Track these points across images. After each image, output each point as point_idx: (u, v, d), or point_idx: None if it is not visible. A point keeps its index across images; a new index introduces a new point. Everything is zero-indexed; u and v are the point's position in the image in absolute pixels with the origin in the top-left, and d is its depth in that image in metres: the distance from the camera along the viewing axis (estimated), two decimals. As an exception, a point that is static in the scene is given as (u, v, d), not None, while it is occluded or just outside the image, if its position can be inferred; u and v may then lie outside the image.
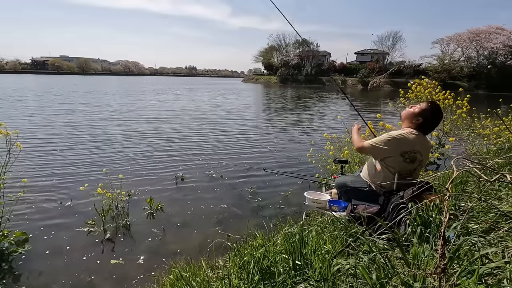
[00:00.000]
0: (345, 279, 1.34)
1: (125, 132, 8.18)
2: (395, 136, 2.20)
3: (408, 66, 40.36)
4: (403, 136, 2.19)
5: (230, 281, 1.60)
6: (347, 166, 3.36)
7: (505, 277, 1.07)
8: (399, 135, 2.20)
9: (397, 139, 2.19)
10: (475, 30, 39.33)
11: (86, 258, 2.70)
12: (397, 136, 2.19)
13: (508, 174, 1.33)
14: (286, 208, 3.73)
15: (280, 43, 55.81)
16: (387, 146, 2.18)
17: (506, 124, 4.27)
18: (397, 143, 2.18)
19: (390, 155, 2.19)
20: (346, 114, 14.00)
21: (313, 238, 1.81)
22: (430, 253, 1.32)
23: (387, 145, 2.18)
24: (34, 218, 3.34)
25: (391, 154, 2.19)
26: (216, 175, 4.84)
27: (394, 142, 2.18)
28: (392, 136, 2.20)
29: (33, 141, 6.64)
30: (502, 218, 1.58)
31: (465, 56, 40.43)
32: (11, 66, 75.66)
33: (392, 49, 48.19)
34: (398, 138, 2.19)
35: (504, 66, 37.38)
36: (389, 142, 2.19)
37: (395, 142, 2.18)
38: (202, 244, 2.94)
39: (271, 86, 44.23)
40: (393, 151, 2.18)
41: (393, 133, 2.25)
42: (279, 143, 7.36)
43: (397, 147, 2.17)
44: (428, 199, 1.81)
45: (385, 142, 2.19)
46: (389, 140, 2.19)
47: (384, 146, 2.19)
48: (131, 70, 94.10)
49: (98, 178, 4.29)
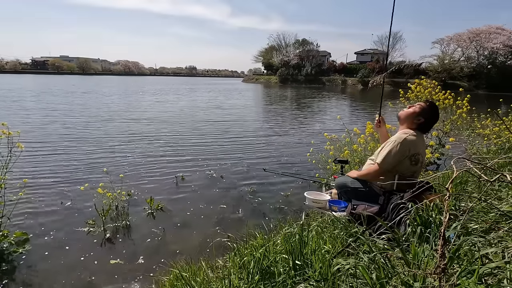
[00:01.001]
0: (345, 279, 1.34)
1: (125, 132, 8.18)
2: (401, 142, 2.17)
3: (408, 66, 40.35)
4: (409, 140, 2.18)
5: (230, 281, 1.60)
6: (347, 166, 3.35)
7: (505, 277, 1.07)
8: (406, 140, 2.18)
9: (404, 143, 2.17)
10: (475, 30, 39.34)
11: (86, 258, 2.71)
12: (403, 142, 2.17)
13: (508, 174, 1.33)
14: (286, 208, 3.73)
15: (280, 43, 55.87)
16: (397, 155, 2.16)
17: (506, 124, 4.27)
18: (406, 146, 2.16)
19: (400, 161, 2.18)
20: (346, 114, 14.00)
21: (313, 238, 1.81)
22: (430, 253, 1.32)
23: (396, 155, 2.16)
24: (34, 218, 3.34)
25: (400, 158, 2.18)
26: (216, 175, 4.85)
27: (403, 146, 2.16)
28: (397, 142, 2.17)
29: (33, 141, 6.63)
30: (502, 218, 1.58)
31: (465, 56, 40.44)
32: (11, 66, 75.64)
33: (392, 49, 48.20)
34: (405, 143, 2.17)
35: (504, 66, 37.38)
36: (399, 149, 2.16)
37: (405, 146, 2.16)
38: (202, 244, 2.94)
39: (271, 86, 44.21)
40: (401, 155, 2.17)
41: (396, 139, 2.21)
42: (279, 143, 7.37)
43: (405, 152, 2.16)
44: (428, 199, 1.81)
45: (394, 152, 2.16)
46: (397, 148, 2.16)
47: (393, 156, 2.16)
48: (131, 70, 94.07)
49: (98, 178, 4.29)
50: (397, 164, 2.18)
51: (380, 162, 2.21)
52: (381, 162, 2.20)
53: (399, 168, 2.19)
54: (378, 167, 2.23)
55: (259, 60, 61.14)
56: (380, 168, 2.22)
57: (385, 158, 2.19)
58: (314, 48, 52.67)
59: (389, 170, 2.20)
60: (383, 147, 2.28)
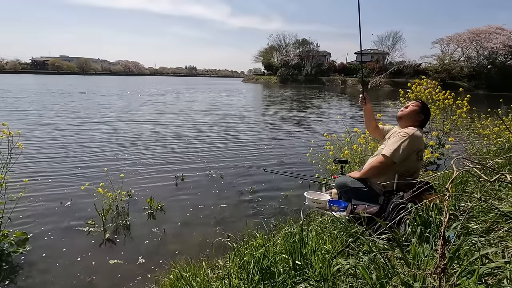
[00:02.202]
0: (345, 279, 1.34)
1: (125, 132, 8.18)
2: (411, 136, 2.19)
3: (408, 66, 40.36)
4: (417, 135, 2.21)
5: (230, 281, 1.60)
6: (347, 166, 3.36)
7: (505, 277, 1.07)
8: (414, 135, 2.20)
9: (413, 138, 2.19)
10: (475, 30, 39.32)
11: (86, 258, 2.71)
12: (412, 136, 2.19)
13: (508, 174, 1.33)
14: (286, 208, 3.73)
15: (280, 43, 55.80)
16: (406, 149, 2.18)
17: (506, 124, 4.27)
18: (415, 141, 2.19)
19: (408, 155, 2.20)
20: (346, 114, 14.00)
21: (313, 238, 1.81)
22: (430, 253, 1.32)
23: (406, 148, 2.18)
24: (34, 218, 3.35)
25: (409, 153, 2.19)
26: (216, 175, 4.85)
27: (413, 141, 2.18)
28: (408, 136, 2.19)
29: (33, 141, 6.63)
30: (502, 218, 1.58)
31: (465, 56, 40.42)
32: (11, 66, 75.61)
33: (392, 49, 48.21)
34: (414, 138, 2.19)
35: (504, 66, 37.35)
36: (409, 143, 2.18)
37: (414, 140, 2.19)
38: (202, 244, 2.94)
39: (271, 86, 44.21)
40: (410, 149, 2.19)
41: (406, 133, 2.23)
42: (279, 143, 7.36)
43: (414, 146, 2.19)
44: (428, 199, 1.81)
45: (404, 146, 2.17)
46: (407, 142, 2.18)
47: (403, 150, 2.18)
48: (131, 70, 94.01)
49: (99, 178, 4.29)
50: (405, 158, 2.19)
51: (389, 154, 2.19)
52: (390, 154, 2.19)
53: (406, 164, 2.21)
54: (384, 159, 2.22)
55: (259, 60, 61.12)
56: (387, 160, 2.20)
57: (395, 151, 2.19)
58: (314, 48, 52.65)
59: (395, 164, 2.20)
60: (390, 142, 2.28)
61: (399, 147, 2.18)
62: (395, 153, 2.19)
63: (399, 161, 2.20)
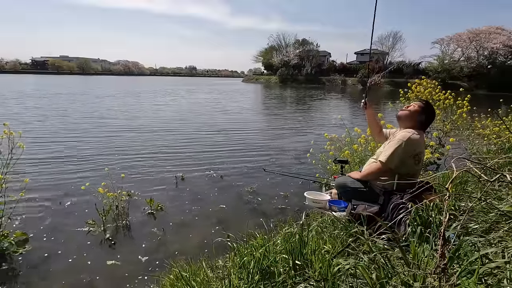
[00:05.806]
0: (345, 279, 1.34)
1: (125, 133, 8.18)
2: (406, 141, 2.17)
3: (407, 65, 40.37)
4: (413, 139, 2.19)
5: (230, 281, 1.59)
6: (347, 166, 3.35)
7: (505, 277, 1.07)
8: (410, 139, 2.18)
9: (409, 142, 2.17)
10: (475, 30, 39.37)
11: (86, 258, 2.71)
12: (408, 141, 2.18)
13: (508, 174, 1.33)
14: (286, 208, 3.73)
15: (280, 43, 55.85)
16: (402, 154, 2.17)
17: (506, 124, 4.27)
18: (411, 145, 2.17)
19: (404, 160, 2.19)
20: (346, 114, 13.99)
21: (313, 238, 1.81)
22: (430, 253, 1.32)
23: (401, 154, 2.17)
24: (34, 218, 3.35)
25: (405, 158, 2.18)
26: (216, 175, 4.84)
27: (408, 146, 2.17)
28: (402, 141, 2.18)
29: (33, 141, 6.63)
30: (502, 218, 1.58)
31: (465, 56, 40.45)
32: (11, 66, 75.67)
33: (392, 49, 48.26)
34: (410, 142, 2.17)
35: (504, 66, 37.38)
36: (404, 148, 2.16)
37: (410, 145, 2.17)
38: (202, 244, 2.94)
39: (271, 86, 44.19)
40: (406, 154, 2.17)
41: (401, 138, 2.22)
42: (279, 143, 7.36)
43: (410, 151, 2.17)
44: (428, 199, 1.81)
45: (399, 151, 2.17)
46: (402, 147, 2.17)
47: (398, 155, 2.17)
48: (131, 70, 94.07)
49: (99, 178, 4.29)
50: (401, 163, 2.18)
51: (385, 160, 2.20)
52: (386, 160, 2.20)
53: (403, 168, 2.19)
54: (381, 165, 2.23)
55: (259, 60, 61.17)
56: (384, 166, 2.21)
57: (390, 157, 2.18)
58: (314, 48, 52.72)
59: (392, 169, 2.20)
60: (387, 146, 2.28)
61: (393, 153, 2.18)
62: (390, 159, 2.19)
63: (396, 166, 2.20)
